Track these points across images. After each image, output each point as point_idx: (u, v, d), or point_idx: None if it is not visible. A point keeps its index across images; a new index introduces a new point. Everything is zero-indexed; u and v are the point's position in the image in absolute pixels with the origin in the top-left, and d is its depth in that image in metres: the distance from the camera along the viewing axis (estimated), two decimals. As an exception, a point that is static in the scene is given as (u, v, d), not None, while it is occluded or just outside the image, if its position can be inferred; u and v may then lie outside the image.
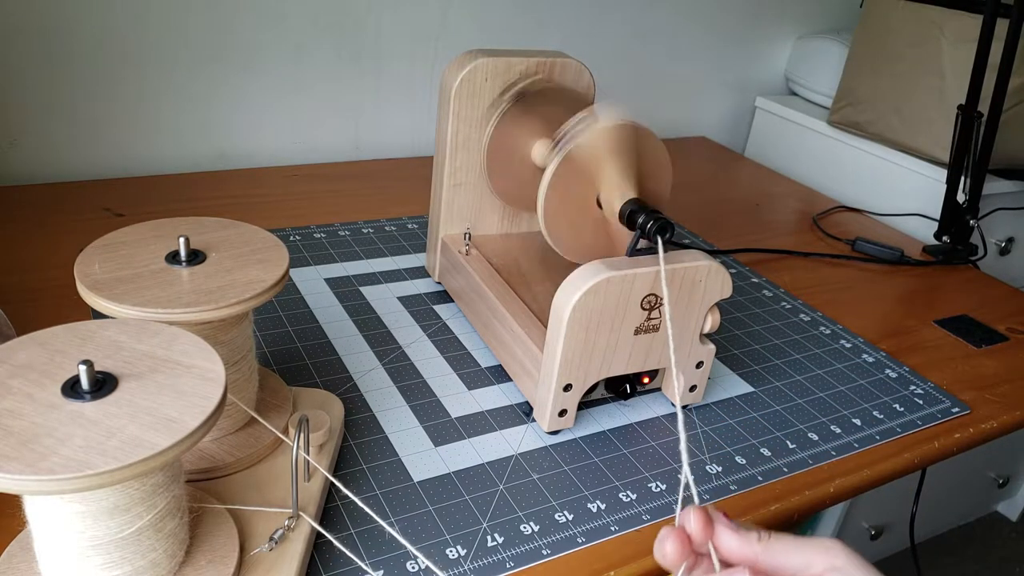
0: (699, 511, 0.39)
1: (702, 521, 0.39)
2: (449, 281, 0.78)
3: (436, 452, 0.59)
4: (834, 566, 0.38)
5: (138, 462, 0.34)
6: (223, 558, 0.44)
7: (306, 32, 1.04)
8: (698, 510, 0.39)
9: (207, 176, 1.02)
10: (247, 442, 0.53)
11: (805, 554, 0.38)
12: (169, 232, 0.52)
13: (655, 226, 0.57)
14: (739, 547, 0.39)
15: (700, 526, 0.38)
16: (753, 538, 0.39)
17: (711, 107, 1.47)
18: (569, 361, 0.58)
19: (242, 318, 0.51)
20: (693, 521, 0.38)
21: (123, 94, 0.97)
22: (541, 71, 0.72)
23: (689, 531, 0.38)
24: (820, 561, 0.38)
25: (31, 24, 0.89)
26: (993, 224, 1.18)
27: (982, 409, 0.72)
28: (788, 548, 0.39)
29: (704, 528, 0.39)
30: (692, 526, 0.38)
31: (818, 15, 1.48)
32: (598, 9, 1.23)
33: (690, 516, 0.39)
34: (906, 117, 1.19)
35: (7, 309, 0.58)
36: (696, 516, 0.39)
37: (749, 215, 1.11)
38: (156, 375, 0.39)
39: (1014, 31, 0.93)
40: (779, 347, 0.78)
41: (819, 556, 0.38)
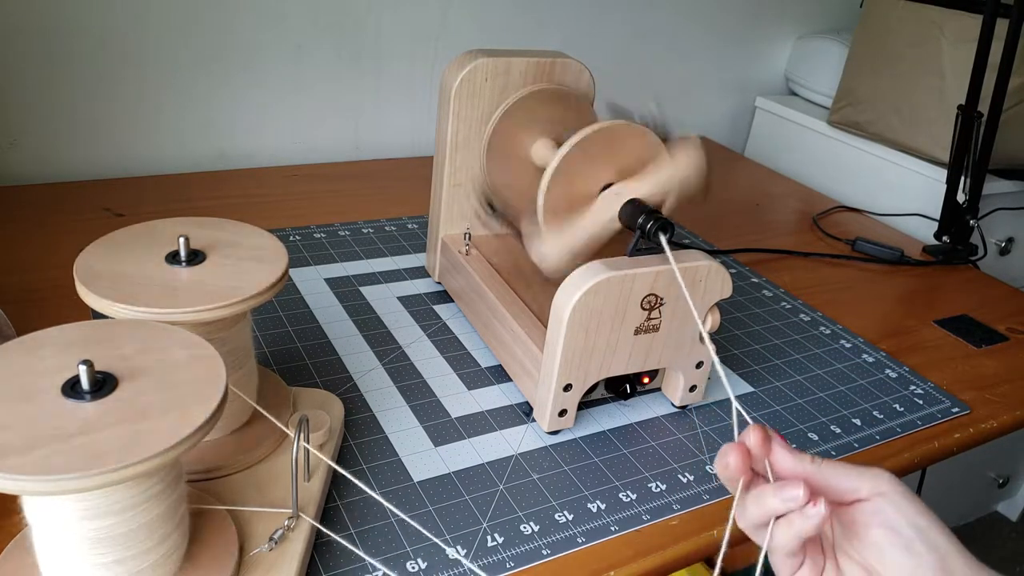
0: (759, 429, 0.42)
1: (760, 438, 0.42)
2: (449, 281, 0.78)
3: (436, 452, 0.59)
4: (880, 491, 0.41)
5: (138, 462, 0.34)
6: (223, 558, 0.44)
7: (306, 32, 1.04)
8: (758, 428, 0.42)
9: (207, 176, 1.02)
10: (247, 442, 0.53)
11: (854, 479, 0.42)
12: (169, 232, 0.52)
13: (655, 226, 0.57)
14: (793, 466, 0.42)
15: (759, 442, 0.42)
16: (807, 459, 0.42)
17: (711, 107, 1.47)
18: (569, 361, 0.58)
19: (241, 318, 0.51)
20: (753, 438, 0.42)
21: (123, 94, 0.97)
22: (541, 71, 0.72)
23: (749, 446, 0.41)
24: (868, 486, 0.41)
25: (31, 24, 0.89)
26: (993, 224, 1.18)
27: (982, 409, 0.72)
28: (839, 472, 0.42)
29: (762, 444, 0.42)
30: (752, 442, 0.42)
31: (818, 15, 1.48)
32: (598, 9, 1.23)
33: (750, 434, 0.42)
34: (906, 117, 1.19)
35: (7, 309, 0.58)
36: (756, 433, 0.42)
37: (749, 215, 1.11)
38: (156, 375, 0.39)
39: (1014, 31, 0.93)
40: (779, 347, 0.78)
41: (867, 482, 0.41)
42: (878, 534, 0.41)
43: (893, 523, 0.41)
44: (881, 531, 0.41)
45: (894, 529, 0.41)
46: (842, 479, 0.42)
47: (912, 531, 0.41)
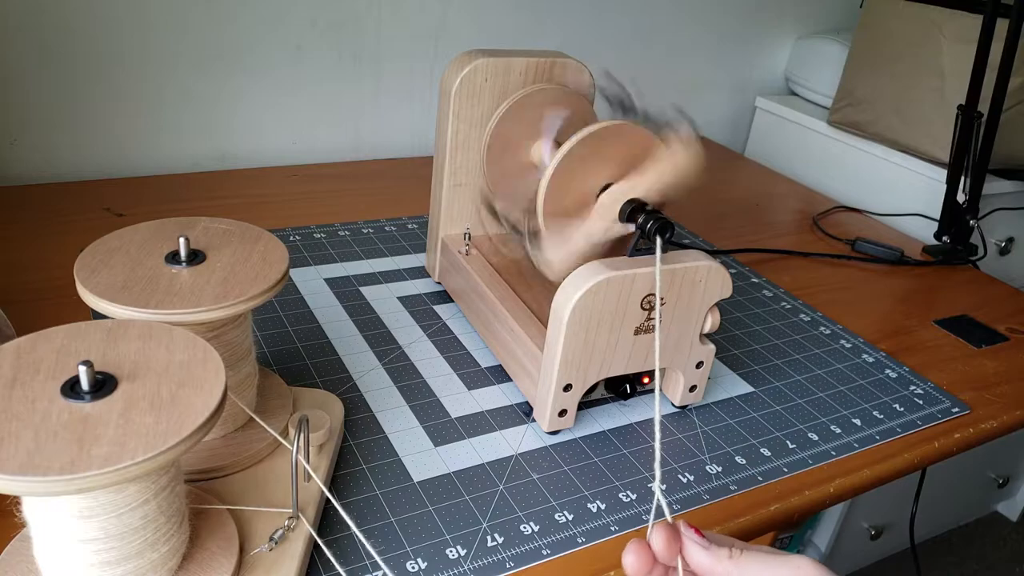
0: (663, 528, 0.39)
1: (666, 538, 0.39)
2: (449, 281, 0.78)
3: (436, 452, 0.59)
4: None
5: (138, 462, 0.34)
6: (223, 558, 0.44)
7: (306, 32, 1.04)
8: (663, 527, 0.39)
9: (207, 176, 1.02)
10: (247, 442, 0.53)
11: (776, 571, 0.39)
12: (169, 232, 0.52)
13: (655, 226, 0.57)
14: (709, 564, 0.39)
15: (664, 543, 0.39)
16: (724, 555, 0.39)
17: (711, 107, 1.47)
18: (569, 361, 0.58)
19: (242, 318, 0.51)
20: (657, 537, 0.39)
21: (123, 94, 0.97)
22: (541, 71, 0.72)
23: (654, 547, 0.39)
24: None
25: (31, 24, 0.89)
26: (993, 224, 1.18)
27: (982, 409, 0.72)
28: (759, 565, 0.39)
29: (669, 544, 0.39)
30: (656, 542, 0.39)
31: (818, 15, 1.48)
32: (598, 9, 1.23)
33: (655, 533, 0.39)
34: (906, 117, 1.19)
35: (7, 309, 0.58)
36: (660, 533, 0.39)
37: (749, 215, 1.11)
38: (156, 375, 0.39)
39: (1014, 31, 0.93)
40: (779, 347, 0.78)
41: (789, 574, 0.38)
42: None
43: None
44: None
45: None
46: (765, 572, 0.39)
47: None
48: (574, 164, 0.61)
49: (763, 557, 0.39)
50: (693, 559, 0.39)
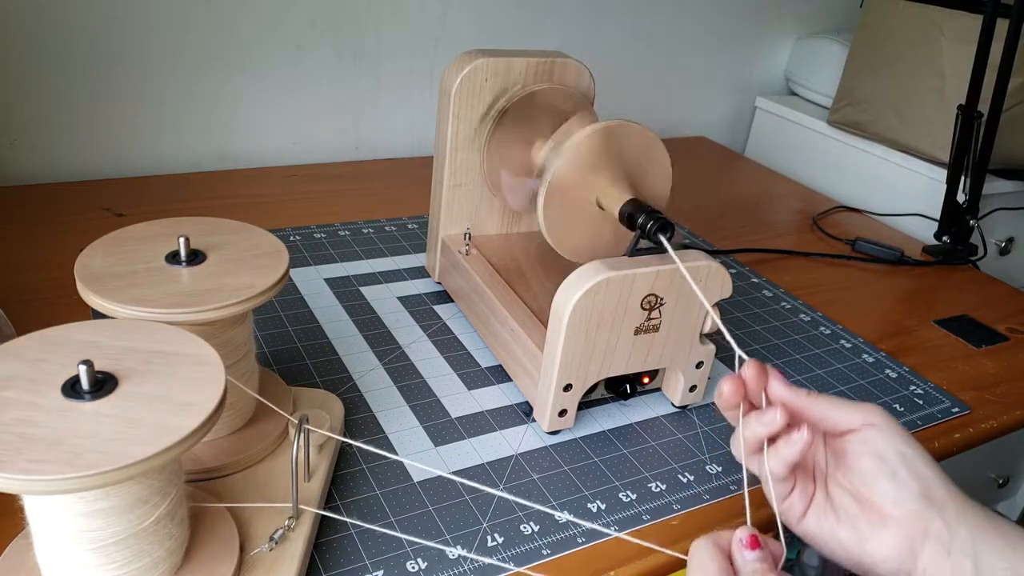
0: (755, 363, 0.45)
1: (756, 371, 0.45)
2: (449, 281, 0.78)
3: (436, 452, 0.59)
4: (871, 422, 0.44)
5: (138, 462, 0.34)
6: (223, 558, 0.44)
7: (306, 32, 1.04)
8: (754, 362, 0.45)
9: (207, 176, 1.02)
10: (247, 442, 0.53)
11: (847, 411, 0.45)
12: (169, 232, 0.52)
13: (655, 226, 0.57)
14: (789, 397, 0.45)
15: (754, 375, 0.45)
16: (803, 392, 0.45)
17: (711, 107, 1.47)
18: (569, 361, 0.58)
19: (242, 318, 0.51)
20: (748, 371, 0.45)
21: (123, 94, 0.97)
22: (541, 71, 0.72)
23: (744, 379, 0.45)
24: (860, 417, 0.44)
25: (31, 24, 0.89)
26: (993, 224, 1.18)
27: (982, 409, 0.72)
28: (833, 404, 0.45)
29: (758, 377, 0.45)
30: (748, 374, 0.45)
31: (818, 15, 1.48)
32: (598, 9, 1.23)
33: (747, 367, 0.45)
34: (906, 117, 1.19)
35: (7, 309, 0.58)
36: (752, 367, 0.45)
37: (749, 215, 1.11)
38: (156, 375, 0.39)
39: (1014, 31, 0.93)
40: (779, 347, 0.78)
41: (859, 414, 0.44)
42: (866, 462, 0.44)
43: (880, 451, 0.43)
44: (869, 459, 0.44)
45: (881, 457, 0.43)
46: (836, 411, 0.45)
47: (898, 459, 0.43)
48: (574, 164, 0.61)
49: (837, 399, 0.45)
50: (775, 392, 0.45)
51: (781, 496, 0.46)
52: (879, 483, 0.43)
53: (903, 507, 0.43)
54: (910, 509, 0.42)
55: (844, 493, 0.45)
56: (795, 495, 0.46)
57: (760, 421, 0.44)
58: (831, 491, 0.46)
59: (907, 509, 0.42)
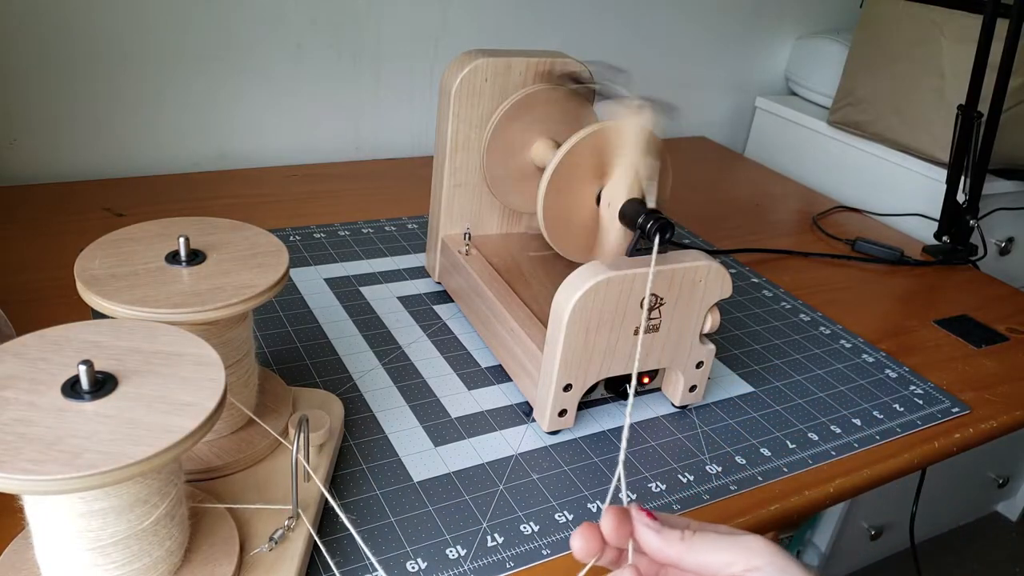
0: (614, 511, 0.39)
1: (616, 521, 0.39)
2: (449, 281, 0.78)
3: (436, 452, 0.59)
4: (755, 566, 0.38)
5: (138, 462, 0.34)
6: (223, 558, 0.44)
7: (306, 32, 1.04)
8: (613, 509, 0.39)
9: (207, 176, 1.02)
10: (247, 442, 0.53)
11: (727, 553, 0.39)
12: (169, 232, 0.52)
13: (655, 226, 0.57)
14: (661, 546, 0.39)
15: (614, 525, 0.39)
16: (675, 537, 0.39)
17: (711, 107, 1.47)
18: (569, 361, 0.58)
19: (242, 318, 0.51)
20: (606, 520, 0.39)
21: (123, 94, 0.97)
22: (541, 71, 0.72)
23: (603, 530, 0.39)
24: (742, 561, 0.38)
25: (31, 24, 0.89)
26: (993, 224, 1.18)
27: (982, 409, 0.72)
28: (712, 547, 0.39)
29: (617, 528, 0.39)
30: (606, 525, 0.39)
31: (818, 15, 1.48)
32: (598, 9, 1.23)
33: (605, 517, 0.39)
34: (906, 117, 1.19)
35: (7, 309, 0.58)
36: (610, 516, 0.39)
37: (749, 215, 1.11)
38: (156, 375, 0.39)
39: (1014, 31, 0.93)
40: (779, 347, 0.78)
41: (741, 555, 0.38)
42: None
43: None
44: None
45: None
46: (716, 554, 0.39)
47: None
48: (574, 164, 0.61)
49: (715, 538, 0.39)
50: (644, 542, 0.39)
51: None
52: None
53: None
54: None
55: None
56: None
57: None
58: None
59: None
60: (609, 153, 0.61)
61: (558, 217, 0.62)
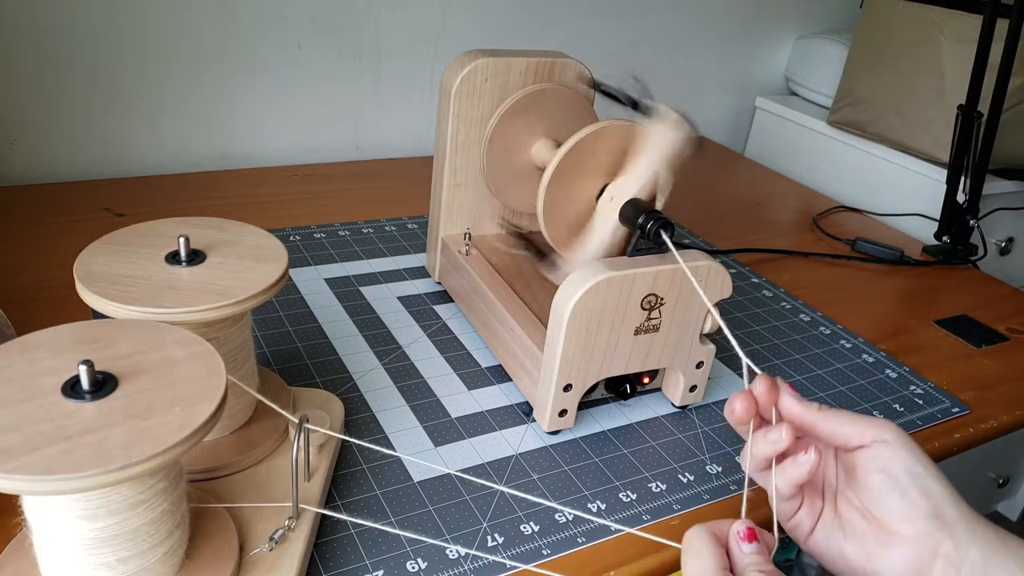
0: (765, 378, 0.44)
1: (767, 387, 0.44)
2: (449, 281, 0.78)
3: (436, 452, 0.59)
4: (883, 439, 0.43)
5: (139, 462, 0.34)
6: (223, 558, 0.44)
7: (306, 32, 1.04)
8: (764, 377, 0.44)
9: (207, 176, 1.02)
10: (247, 442, 0.53)
11: (859, 427, 0.44)
12: (169, 232, 0.52)
13: (655, 226, 0.57)
14: (800, 412, 0.44)
15: (765, 391, 0.44)
16: (814, 407, 0.45)
17: (711, 107, 1.47)
18: (569, 361, 0.58)
19: (241, 318, 0.51)
20: (759, 387, 0.44)
21: (123, 94, 0.97)
22: (541, 71, 0.72)
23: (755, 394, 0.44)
24: (871, 433, 0.43)
25: (31, 24, 0.89)
26: (993, 224, 1.18)
27: (982, 409, 0.72)
28: (844, 420, 0.44)
29: (768, 392, 0.44)
30: (758, 390, 0.44)
31: (818, 15, 1.48)
32: (598, 9, 1.23)
33: (758, 383, 0.44)
34: (906, 117, 1.19)
35: (7, 309, 0.58)
36: (762, 383, 0.44)
37: (749, 215, 1.11)
38: (156, 375, 0.39)
39: (1014, 31, 0.93)
40: (779, 347, 0.78)
41: (871, 429, 0.43)
42: (876, 479, 0.43)
43: (890, 468, 0.42)
44: (878, 476, 0.43)
45: (890, 474, 0.42)
46: (847, 426, 0.44)
47: (908, 477, 0.42)
48: (574, 164, 0.61)
49: (848, 413, 0.44)
50: (786, 407, 0.45)
51: (788, 514, 0.45)
52: (888, 501, 0.42)
53: (912, 526, 0.42)
54: (919, 528, 0.41)
55: (853, 510, 0.45)
56: (803, 512, 0.46)
57: (767, 439, 0.44)
58: (840, 508, 0.45)
59: (916, 528, 0.42)
60: (622, 151, 0.60)
61: (558, 217, 0.62)
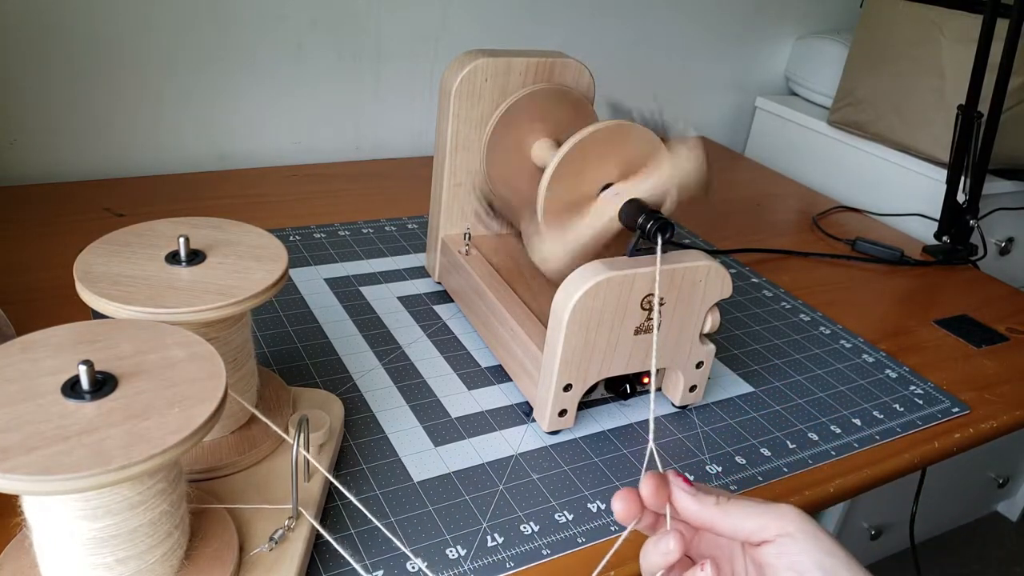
0: (653, 476, 0.41)
1: (654, 485, 0.41)
2: (449, 281, 0.78)
3: (436, 452, 0.59)
4: (786, 532, 0.40)
5: (139, 462, 0.34)
6: (223, 558, 0.44)
7: (306, 32, 1.04)
8: (652, 475, 0.41)
9: (207, 176, 1.02)
10: (247, 442, 0.53)
11: (761, 519, 0.40)
12: (169, 232, 0.52)
13: (655, 226, 0.57)
14: (696, 510, 0.41)
15: (652, 490, 0.41)
16: (710, 502, 0.41)
17: (711, 107, 1.47)
18: (569, 361, 0.58)
19: (241, 318, 0.51)
20: (646, 485, 0.41)
21: (123, 94, 0.97)
22: (541, 71, 0.72)
23: (643, 494, 0.41)
24: (774, 527, 0.40)
25: (31, 24, 0.89)
26: (993, 224, 1.18)
27: (982, 409, 0.72)
28: (744, 512, 0.41)
29: (656, 492, 0.41)
30: (645, 489, 0.41)
31: (818, 15, 1.48)
32: (598, 9, 1.23)
33: (645, 481, 0.41)
34: (906, 117, 1.19)
35: (7, 309, 0.58)
36: (649, 480, 0.41)
37: (749, 215, 1.11)
38: (156, 375, 0.39)
39: (1014, 31, 0.93)
40: (779, 347, 0.78)
41: (773, 522, 0.40)
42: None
43: (798, 565, 0.39)
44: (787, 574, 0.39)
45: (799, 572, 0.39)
46: (748, 520, 0.40)
47: (818, 573, 0.39)
48: (575, 164, 0.61)
49: (749, 504, 0.41)
50: (681, 506, 0.41)
51: None
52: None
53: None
54: None
55: None
56: None
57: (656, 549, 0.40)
58: None
59: None
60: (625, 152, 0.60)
61: (559, 217, 0.62)
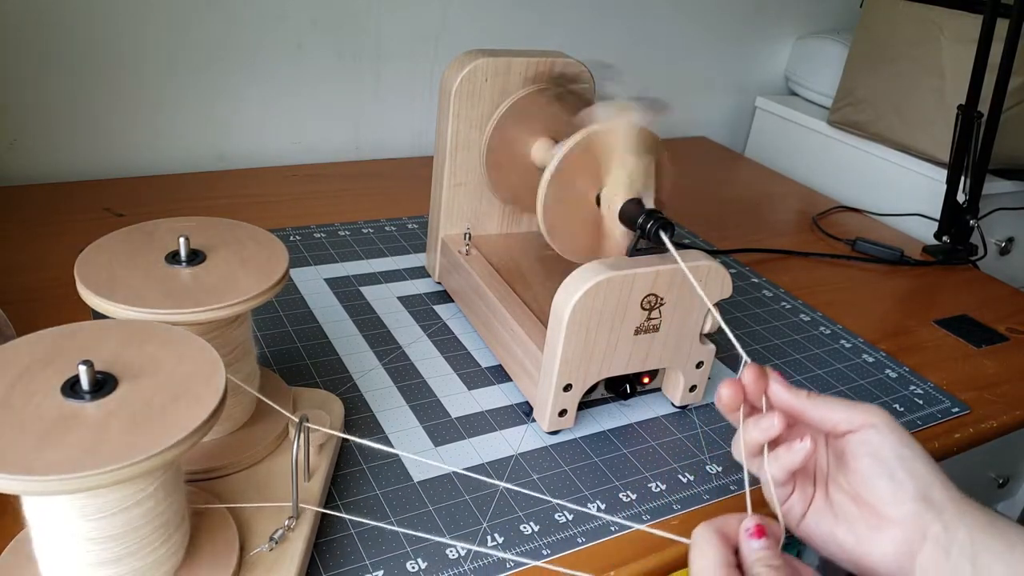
0: (754, 366, 0.45)
1: (755, 375, 0.45)
2: (449, 281, 0.78)
3: (436, 452, 0.59)
4: (871, 423, 0.44)
5: (139, 462, 0.34)
6: (223, 558, 0.44)
7: (306, 32, 1.04)
8: (753, 366, 0.45)
9: (207, 176, 1.02)
10: (247, 442, 0.53)
11: (847, 412, 0.45)
12: (169, 232, 0.52)
13: (655, 226, 0.57)
14: (789, 399, 0.45)
15: (753, 379, 0.45)
16: (803, 394, 0.46)
17: (711, 107, 1.47)
18: (569, 361, 0.58)
19: (241, 318, 0.51)
20: (747, 375, 0.45)
21: (123, 94, 0.97)
22: (541, 71, 0.72)
23: (744, 382, 0.45)
24: (859, 419, 0.44)
25: (31, 24, 0.89)
26: (993, 224, 1.18)
27: (982, 409, 0.72)
28: (833, 405, 0.45)
29: (756, 380, 0.45)
30: (747, 379, 0.45)
31: (818, 15, 1.48)
32: (598, 9, 1.23)
33: (746, 371, 0.45)
34: (906, 117, 1.19)
35: (7, 309, 0.58)
36: (750, 371, 0.45)
37: (749, 215, 1.11)
38: (156, 375, 0.39)
39: (1014, 31, 0.93)
40: (779, 347, 0.78)
41: (859, 415, 0.44)
42: (864, 463, 0.44)
43: (878, 452, 0.43)
44: (867, 460, 0.43)
45: (879, 458, 0.43)
46: (836, 412, 0.44)
47: (895, 460, 0.43)
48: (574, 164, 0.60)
49: (836, 400, 0.45)
50: (776, 396, 0.46)
51: (780, 500, 0.46)
52: (876, 484, 0.43)
53: (900, 509, 0.42)
54: (908, 510, 0.42)
55: (843, 495, 0.45)
56: (795, 497, 0.46)
57: (758, 427, 0.44)
58: (831, 493, 0.46)
59: (905, 511, 0.42)
60: (603, 155, 0.60)
61: (558, 217, 0.62)
